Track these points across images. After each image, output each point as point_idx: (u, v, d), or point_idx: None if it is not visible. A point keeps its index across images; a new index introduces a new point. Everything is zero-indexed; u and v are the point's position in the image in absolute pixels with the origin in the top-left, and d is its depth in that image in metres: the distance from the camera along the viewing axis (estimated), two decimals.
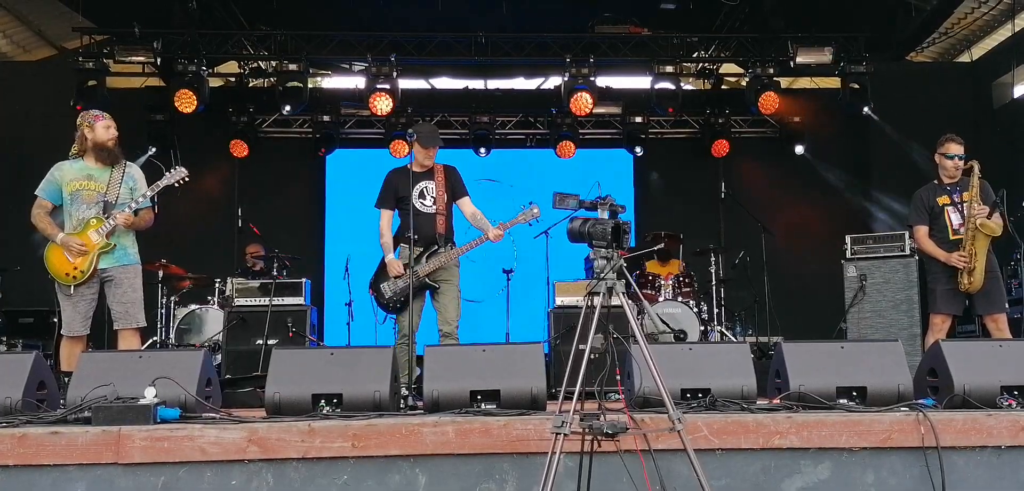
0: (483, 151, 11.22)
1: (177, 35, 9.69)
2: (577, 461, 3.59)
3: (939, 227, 5.85)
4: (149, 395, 3.84)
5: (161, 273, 8.63)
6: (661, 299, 8.29)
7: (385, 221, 5.88)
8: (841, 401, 4.15)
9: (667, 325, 7.71)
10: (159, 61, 9.69)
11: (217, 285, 8.46)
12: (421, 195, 5.77)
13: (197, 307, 8.43)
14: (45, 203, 5.27)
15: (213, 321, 8.21)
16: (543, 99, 11.64)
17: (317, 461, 3.71)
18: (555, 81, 11.04)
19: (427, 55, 10.34)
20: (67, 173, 5.28)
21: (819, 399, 4.12)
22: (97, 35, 9.78)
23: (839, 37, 9.86)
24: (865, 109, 9.85)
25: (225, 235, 10.33)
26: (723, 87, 11.58)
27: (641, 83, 10.95)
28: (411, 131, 5.53)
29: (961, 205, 5.77)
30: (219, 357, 7.39)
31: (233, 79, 11.35)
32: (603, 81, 10.53)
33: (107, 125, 5.36)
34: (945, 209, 5.82)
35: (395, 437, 3.73)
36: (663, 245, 8.73)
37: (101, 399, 3.90)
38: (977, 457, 3.83)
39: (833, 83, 10.51)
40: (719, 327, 8.76)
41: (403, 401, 4.52)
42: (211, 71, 10.30)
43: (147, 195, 5.32)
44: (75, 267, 5.14)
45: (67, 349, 5.23)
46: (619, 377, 3.36)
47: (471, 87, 11.81)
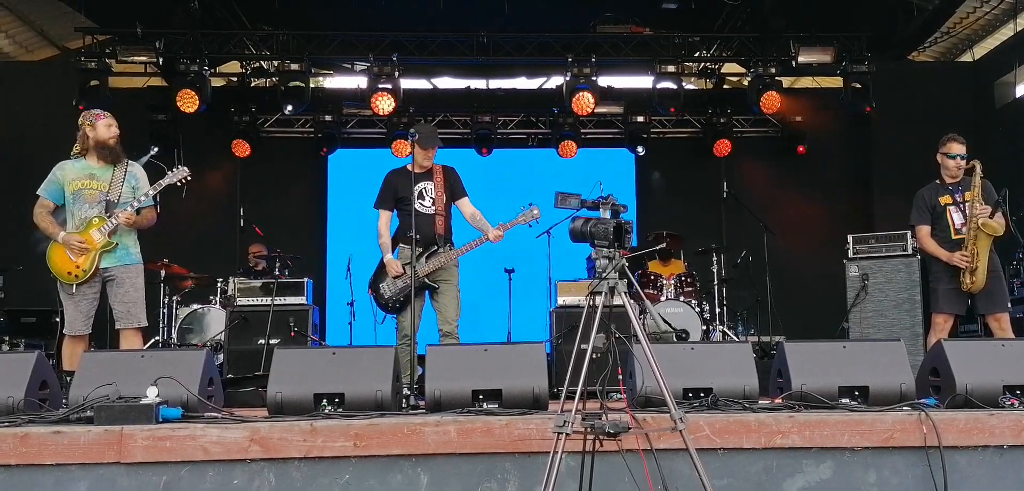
0: (485, 151, 11.23)
1: (179, 35, 9.70)
2: (579, 461, 3.58)
3: (941, 227, 5.84)
4: (151, 395, 3.84)
5: (163, 272, 8.63)
6: (663, 299, 8.31)
7: (383, 221, 5.88)
8: (843, 401, 4.14)
9: (669, 325, 7.71)
10: (161, 61, 9.72)
11: (219, 285, 8.47)
12: (420, 196, 5.78)
13: (199, 307, 8.43)
14: (47, 203, 5.28)
15: (215, 321, 8.22)
16: (545, 99, 11.64)
17: (319, 460, 3.71)
18: (557, 81, 11.04)
19: (429, 55, 10.34)
20: (69, 172, 5.29)
21: (821, 399, 4.11)
22: (99, 35, 9.79)
23: (841, 37, 9.86)
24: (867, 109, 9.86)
25: (227, 235, 10.33)
26: (725, 87, 11.59)
27: (643, 83, 10.96)
28: (413, 131, 5.54)
29: (963, 205, 5.76)
30: (221, 357, 7.38)
31: (235, 79, 11.36)
32: (605, 81, 10.54)
33: (108, 123, 5.37)
34: (947, 209, 5.82)
35: (397, 437, 3.73)
36: (665, 245, 8.74)
37: (103, 399, 3.90)
38: (979, 457, 3.82)
39: (835, 83, 10.51)
40: (721, 327, 8.76)
41: (405, 401, 4.52)
42: (213, 71, 10.31)
43: (149, 194, 5.33)
44: (77, 266, 5.15)
45: (69, 348, 5.23)
46: (621, 377, 3.35)
47: (473, 87, 11.81)
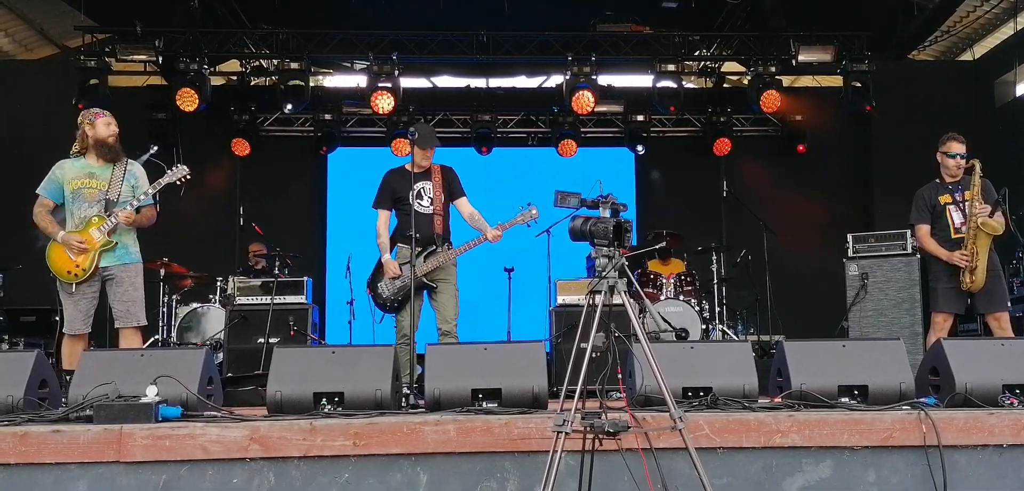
0: (485, 150, 11.23)
1: (179, 34, 9.70)
2: (578, 460, 3.58)
3: (941, 226, 5.84)
4: (151, 393, 3.84)
5: (162, 271, 8.63)
6: (663, 298, 8.30)
7: (382, 221, 5.88)
8: (843, 400, 4.15)
9: (669, 324, 7.71)
10: (161, 60, 9.71)
11: (218, 283, 8.46)
12: (419, 195, 5.77)
13: (198, 305, 8.42)
14: (47, 202, 5.27)
15: (214, 319, 8.21)
16: (545, 98, 11.63)
17: (318, 459, 3.71)
18: (557, 80, 11.03)
19: (428, 54, 10.33)
20: (69, 171, 5.28)
21: (821, 398, 4.12)
22: (99, 34, 9.79)
23: (841, 35, 9.86)
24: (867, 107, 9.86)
25: (227, 234, 10.32)
26: (725, 86, 11.59)
27: (643, 82, 10.95)
28: (412, 130, 5.53)
29: (963, 204, 5.75)
30: (221, 355, 7.38)
31: (235, 78, 11.36)
32: (605, 80, 10.54)
33: (107, 122, 5.36)
34: (947, 208, 5.81)
35: (396, 436, 3.73)
36: (665, 244, 8.74)
37: (103, 397, 3.90)
38: (979, 456, 3.82)
39: (835, 82, 10.51)
40: (721, 326, 8.75)
41: (404, 400, 4.52)
42: (213, 70, 10.29)
43: (148, 193, 5.32)
44: (77, 265, 5.14)
45: (68, 347, 5.22)
46: (620, 376, 3.35)
47: (473, 86, 11.80)
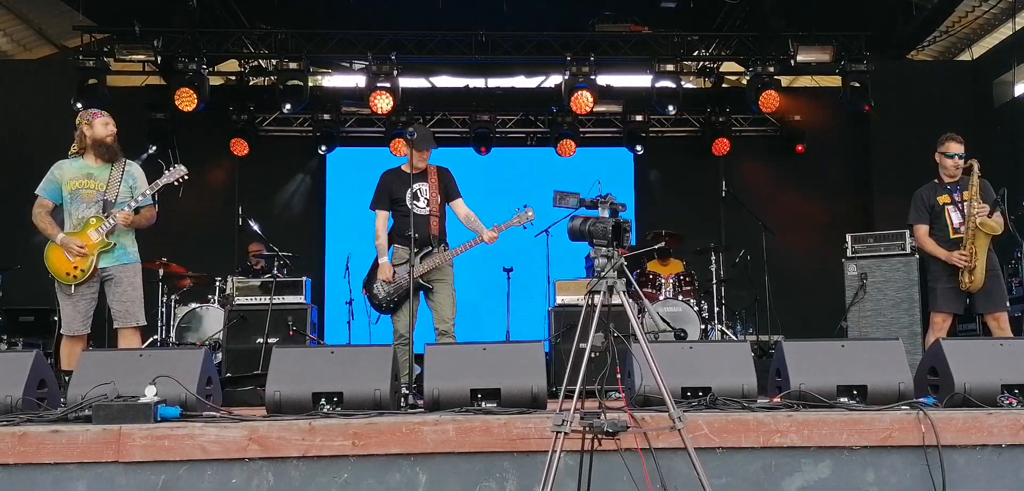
0: (483, 150, 11.22)
1: (177, 33, 9.69)
2: (577, 460, 3.58)
3: (939, 226, 5.84)
4: (149, 394, 3.84)
5: (161, 271, 8.62)
6: (662, 298, 8.30)
7: (381, 222, 5.88)
8: (841, 400, 4.15)
9: (668, 324, 7.71)
10: (159, 60, 9.71)
11: (217, 283, 8.46)
12: (415, 196, 5.77)
13: (197, 305, 8.43)
14: (46, 202, 5.26)
15: (213, 319, 8.21)
16: (544, 98, 11.63)
17: (317, 460, 3.71)
18: (556, 80, 11.03)
19: (427, 53, 10.33)
20: (67, 172, 5.27)
21: (820, 398, 4.12)
22: (98, 33, 9.77)
23: (840, 36, 9.86)
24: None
25: (225, 234, 10.30)
26: (724, 86, 11.60)
27: (642, 82, 10.95)
28: (411, 131, 5.53)
29: (961, 204, 5.75)
30: (219, 356, 7.38)
31: (233, 77, 11.36)
32: (604, 80, 10.53)
33: (105, 122, 5.35)
34: (945, 208, 5.81)
35: (396, 436, 3.73)
36: (664, 244, 8.73)
37: (101, 398, 3.90)
38: (977, 456, 3.82)
39: (834, 82, 10.50)
40: (719, 326, 8.76)
41: (403, 400, 4.52)
42: (211, 69, 10.30)
43: (147, 193, 5.32)
44: (75, 266, 5.14)
45: (67, 348, 5.22)
46: (619, 376, 3.35)
47: (471, 85, 11.80)
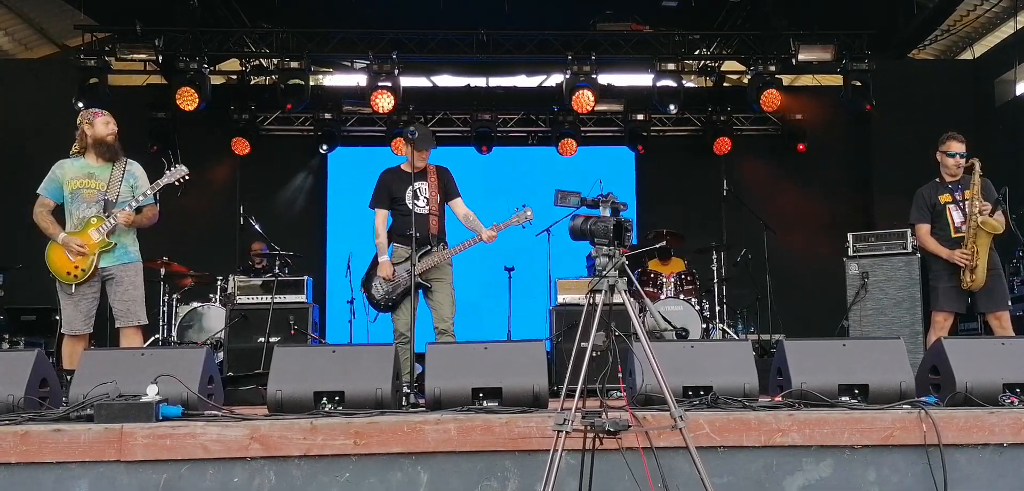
0: (485, 149, 11.22)
1: (179, 33, 9.69)
2: (579, 459, 3.58)
3: (941, 225, 5.84)
4: (151, 393, 3.84)
5: (163, 271, 8.63)
6: (663, 297, 8.31)
7: (380, 221, 5.89)
8: (843, 399, 4.14)
9: (669, 323, 7.71)
10: (161, 59, 9.72)
11: (219, 283, 8.47)
12: (414, 196, 5.78)
13: (199, 305, 8.43)
14: (47, 202, 5.27)
15: (215, 319, 8.22)
16: (545, 97, 11.62)
17: (319, 459, 3.71)
18: (557, 79, 11.03)
19: (428, 53, 10.33)
20: (68, 171, 5.28)
21: (821, 397, 4.11)
22: (99, 33, 9.78)
23: (841, 34, 9.85)
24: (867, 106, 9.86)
25: (227, 233, 10.31)
26: (725, 85, 11.59)
27: (643, 81, 10.94)
28: (411, 130, 5.53)
29: (963, 203, 5.75)
30: (221, 355, 7.39)
31: (235, 77, 11.35)
32: (605, 79, 10.53)
33: (106, 121, 5.36)
34: (947, 207, 5.81)
35: (397, 435, 3.73)
36: (665, 243, 8.74)
37: (103, 397, 3.90)
38: (979, 455, 3.82)
39: (835, 80, 10.50)
40: (721, 325, 8.75)
41: (405, 399, 4.52)
42: (213, 69, 10.30)
43: (148, 193, 5.32)
44: (75, 265, 5.14)
45: (69, 347, 5.22)
46: (621, 375, 3.35)
47: (473, 85, 11.79)
